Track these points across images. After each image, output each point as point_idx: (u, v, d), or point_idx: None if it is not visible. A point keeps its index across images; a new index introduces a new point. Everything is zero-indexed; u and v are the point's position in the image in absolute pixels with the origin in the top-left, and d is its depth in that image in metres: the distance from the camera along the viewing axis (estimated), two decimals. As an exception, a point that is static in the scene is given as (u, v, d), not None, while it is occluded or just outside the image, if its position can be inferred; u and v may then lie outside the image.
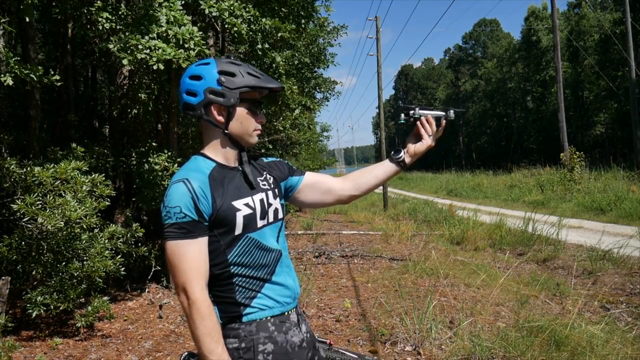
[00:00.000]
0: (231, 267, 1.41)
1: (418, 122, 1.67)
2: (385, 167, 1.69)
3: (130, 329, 4.85)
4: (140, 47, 4.36)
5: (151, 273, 6.19)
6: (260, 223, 1.46)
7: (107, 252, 4.49)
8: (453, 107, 1.69)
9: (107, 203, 4.59)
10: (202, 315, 1.32)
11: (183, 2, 4.98)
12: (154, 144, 6.06)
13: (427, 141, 1.66)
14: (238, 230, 1.41)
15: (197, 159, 1.49)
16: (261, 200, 1.48)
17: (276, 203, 1.54)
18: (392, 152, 1.69)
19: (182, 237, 1.34)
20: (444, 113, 1.70)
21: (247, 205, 1.43)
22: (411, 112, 1.68)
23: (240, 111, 1.47)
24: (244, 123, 1.48)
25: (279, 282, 1.48)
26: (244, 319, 1.41)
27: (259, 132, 1.53)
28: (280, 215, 1.56)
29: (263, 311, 1.43)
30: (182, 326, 4.84)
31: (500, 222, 9.20)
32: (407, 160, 1.68)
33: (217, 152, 1.49)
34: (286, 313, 1.48)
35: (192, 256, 1.34)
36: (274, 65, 6.44)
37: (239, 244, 1.42)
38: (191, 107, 1.46)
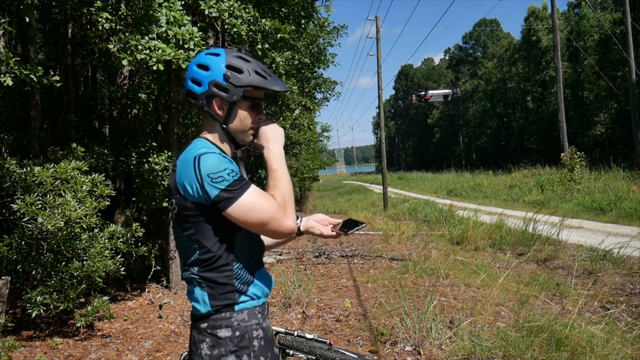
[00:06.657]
0: (235, 250, 1.43)
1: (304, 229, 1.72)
2: None
3: (130, 329, 4.85)
4: (140, 47, 4.37)
5: (151, 273, 6.19)
6: None
7: (107, 252, 4.50)
8: (457, 87, 1.73)
9: (107, 203, 4.59)
10: (285, 190, 1.39)
11: (183, 2, 4.98)
12: (154, 144, 6.07)
13: (324, 230, 1.72)
14: None
15: (204, 141, 1.47)
16: None
17: None
18: None
19: (248, 187, 1.35)
20: (450, 91, 1.73)
21: None
22: (422, 92, 1.71)
23: (241, 109, 1.47)
24: (243, 121, 1.48)
25: (265, 272, 1.53)
26: (237, 307, 1.41)
27: (254, 131, 1.52)
28: None
29: (253, 301, 1.45)
30: (182, 326, 4.84)
31: (500, 222, 9.18)
32: (302, 228, 1.75)
33: (217, 143, 1.49)
34: (265, 304, 1.51)
35: (265, 194, 1.37)
36: (274, 65, 6.43)
37: (244, 229, 1.42)
38: (194, 95, 1.46)
